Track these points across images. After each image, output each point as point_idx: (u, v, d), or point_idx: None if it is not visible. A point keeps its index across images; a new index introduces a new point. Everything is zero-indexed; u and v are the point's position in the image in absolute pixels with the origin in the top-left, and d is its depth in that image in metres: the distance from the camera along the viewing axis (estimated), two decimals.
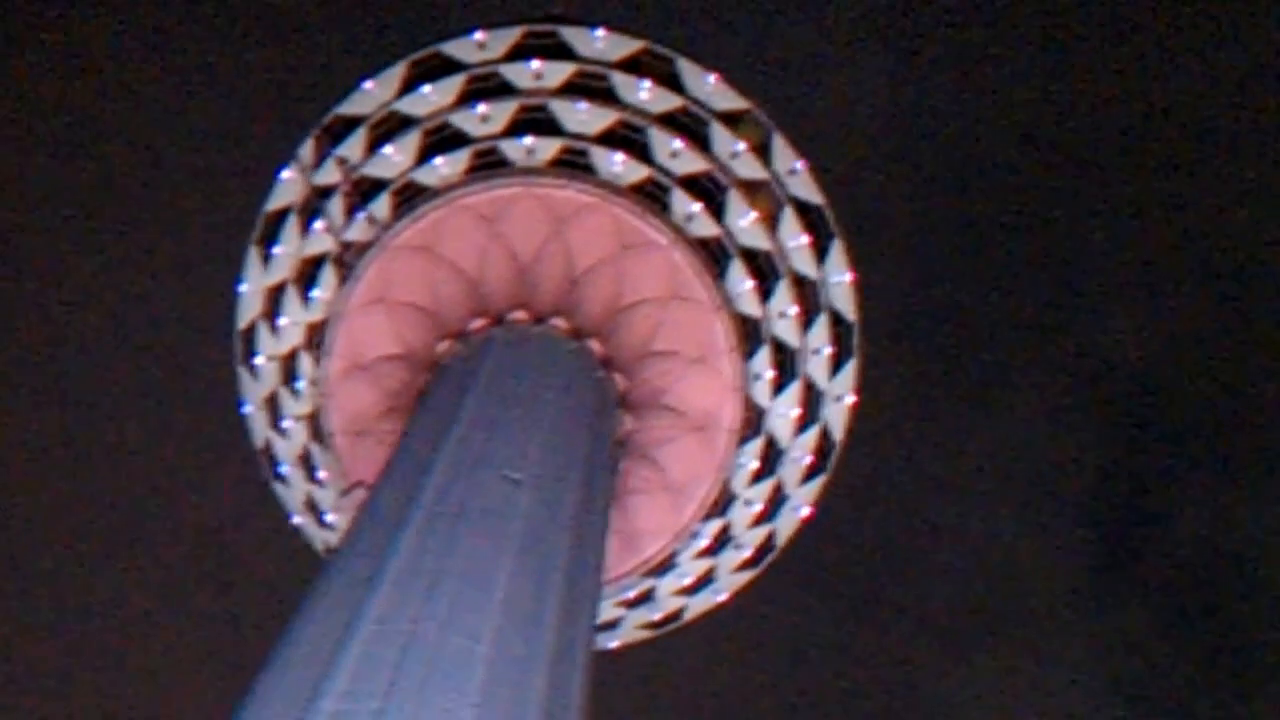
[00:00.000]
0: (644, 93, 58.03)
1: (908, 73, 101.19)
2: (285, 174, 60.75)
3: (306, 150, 60.31)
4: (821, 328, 60.25)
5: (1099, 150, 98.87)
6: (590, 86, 58.10)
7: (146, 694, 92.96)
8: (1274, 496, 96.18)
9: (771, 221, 58.93)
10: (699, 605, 66.86)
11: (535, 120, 57.77)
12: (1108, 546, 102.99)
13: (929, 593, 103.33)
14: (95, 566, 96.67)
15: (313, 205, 59.97)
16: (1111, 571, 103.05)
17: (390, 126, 58.99)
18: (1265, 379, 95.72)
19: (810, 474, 62.97)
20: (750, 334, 58.63)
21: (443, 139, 58.15)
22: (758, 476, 61.29)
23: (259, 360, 62.22)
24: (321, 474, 61.74)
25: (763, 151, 59.07)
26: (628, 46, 58.53)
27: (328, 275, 59.35)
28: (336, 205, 59.42)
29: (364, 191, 58.86)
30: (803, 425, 61.25)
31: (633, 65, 58.40)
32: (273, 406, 62.69)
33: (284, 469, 64.03)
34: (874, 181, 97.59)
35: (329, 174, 59.69)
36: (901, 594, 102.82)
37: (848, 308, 60.85)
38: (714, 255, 57.74)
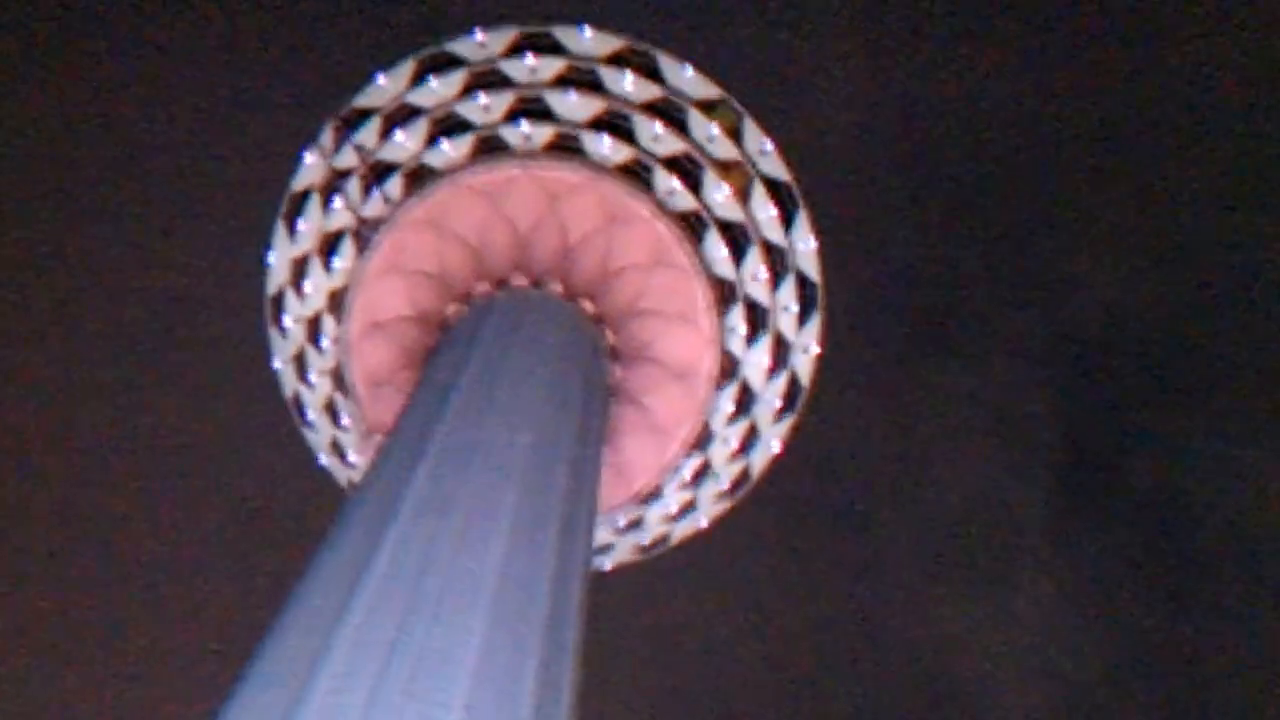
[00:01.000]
0: (628, 84, 60.73)
1: (875, 60, 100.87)
2: (308, 158, 63.56)
3: (327, 137, 63.19)
4: (789, 288, 63.24)
5: (1067, 128, 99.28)
6: (580, 79, 60.68)
7: (191, 626, 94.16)
8: (1219, 440, 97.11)
9: (744, 195, 61.87)
10: (682, 531, 70.02)
11: (531, 109, 60.43)
12: (1073, 483, 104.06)
13: (899, 523, 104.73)
14: (142, 510, 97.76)
15: (333, 185, 62.82)
16: (1076, 506, 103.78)
17: (401, 116, 61.79)
18: (1214, 338, 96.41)
19: (780, 415, 66.03)
20: (726, 294, 61.71)
21: (448, 126, 60.96)
22: (733, 418, 64.64)
23: (287, 322, 65.28)
24: (345, 420, 64.79)
25: (735, 134, 61.81)
26: (612, 43, 61.13)
27: (347, 247, 62.40)
28: (354, 185, 62.29)
29: (379, 173, 61.77)
30: (773, 373, 64.38)
31: (617, 60, 61.01)
32: (300, 363, 65.82)
33: (311, 417, 67.20)
34: (839, 159, 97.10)
35: (347, 158, 62.64)
36: (872, 523, 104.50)
37: (812, 270, 63.70)
38: (692, 226, 60.69)
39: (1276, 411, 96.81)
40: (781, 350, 64.52)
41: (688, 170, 61.38)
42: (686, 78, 61.97)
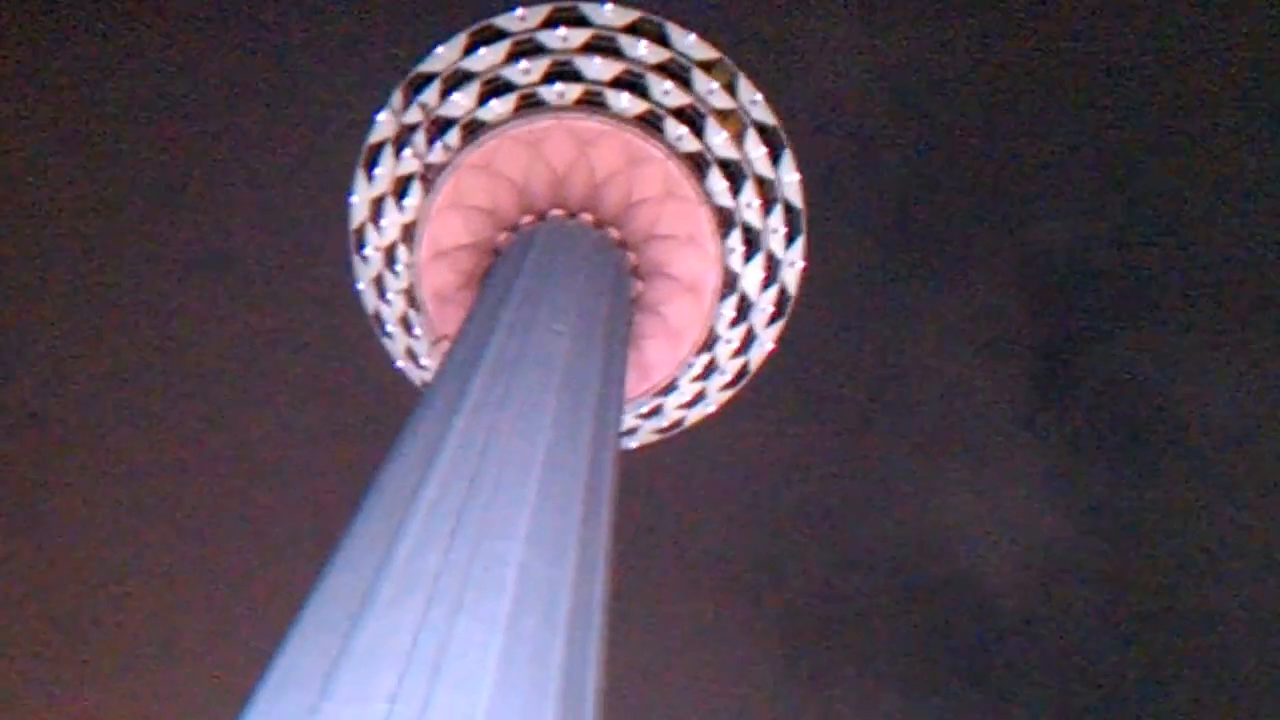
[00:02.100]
0: (642, 49, 61.18)
1: (868, 30, 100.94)
2: (381, 116, 64.17)
3: (396, 98, 63.88)
4: (777, 214, 63.57)
5: (1035, 88, 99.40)
6: (603, 46, 60.94)
7: (293, 497, 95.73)
8: (1163, 342, 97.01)
9: (739, 138, 62.07)
10: (694, 416, 70.58)
11: (563, 71, 60.84)
12: (1040, 379, 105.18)
13: (885, 410, 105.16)
14: (254, 407, 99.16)
15: (402, 138, 63.32)
16: (1043, 398, 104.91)
17: (457, 79, 62.13)
18: (1156, 258, 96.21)
19: (772, 320, 66.62)
20: (726, 220, 61.87)
21: (496, 87, 61.29)
22: (734, 322, 64.96)
23: (368, 251, 65.70)
24: (417, 331, 65.29)
25: (730, 88, 62.28)
26: (629, 16, 61.54)
27: (415, 188, 62.72)
28: (420, 137, 62.61)
29: (440, 127, 62.09)
30: (766, 284, 64.67)
31: (633, 29, 61.44)
32: (379, 284, 66.27)
33: (389, 329, 67.65)
34: (834, 113, 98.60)
35: (413, 115, 63.10)
36: (860, 409, 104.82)
37: (796, 199, 64.14)
38: (698, 164, 60.87)
39: (1208, 318, 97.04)
40: (772, 266, 64.65)
41: (692, 119, 61.49)
42: (689, 43, 62.33)
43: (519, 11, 62.13)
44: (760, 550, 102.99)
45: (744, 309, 64.93)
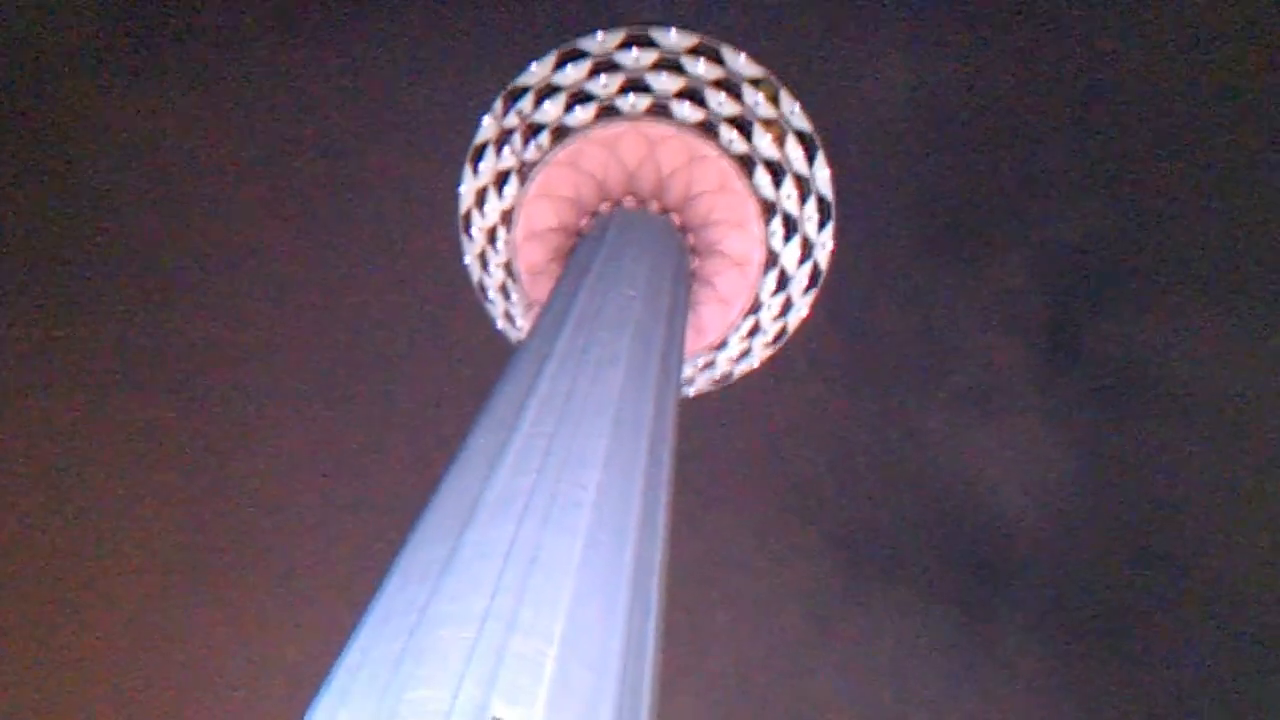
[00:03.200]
0: (701, 67, 60.86)
1: (898, 42, 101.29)
2: (485, 120, 64.37)
3: (498, 106, 63.99)
4: (811, 204, 63.10)
5: (1047, 104, 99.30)
6: (669, 64, 60.73)
7: (405, 432, 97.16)
8: (1163, 315, 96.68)
9: (780, 142, 61.74)
10: (741, 369, 70.21)
11: (635, 85, 60.62)
12: (1052, 347, 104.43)
13: (913, 370, 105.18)
14: (378, 363, 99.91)
15: (502, 139, 63.50)
16: (1055, 363, 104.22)
17: (547, 91, 62.07)
18: (1157, 244, 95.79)
19: (807, 290, 66.33)
20: (768, 209, 61.46)
21: (579, 98, 61.09)
22: (775, 292, 64.57)
23: (473, 232, 66.07)
24: (513, 297, 65.51)
25: (774, 100, 61.86)
26: (691, 39, 61.31)
27: (512, 181, 62.70)
28: (517, 139, 62.68)
29: (533, 130, 62.05)
30: (802, 261, 64.32)
31: (694, 51, 61.19)
32: (483, 260, 66.50)
33: (491, 296, 68.04)
34: (863, 116, 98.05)
35: (512, 120, 63.20)
36: (891, 370, 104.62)
37: (827, 192, 63.84)
38: (746, 163, 60.52)
39: (1192, 298, 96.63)
40: (807, 246, 64.31)
41: (742, 125, 61.16)
42: (740, 62, 61.95)
43: (599, 35, 62.06)
44: (807, 482, 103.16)
45: (783, 281, 64.55)
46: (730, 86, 61.44)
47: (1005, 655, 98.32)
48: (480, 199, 65.09)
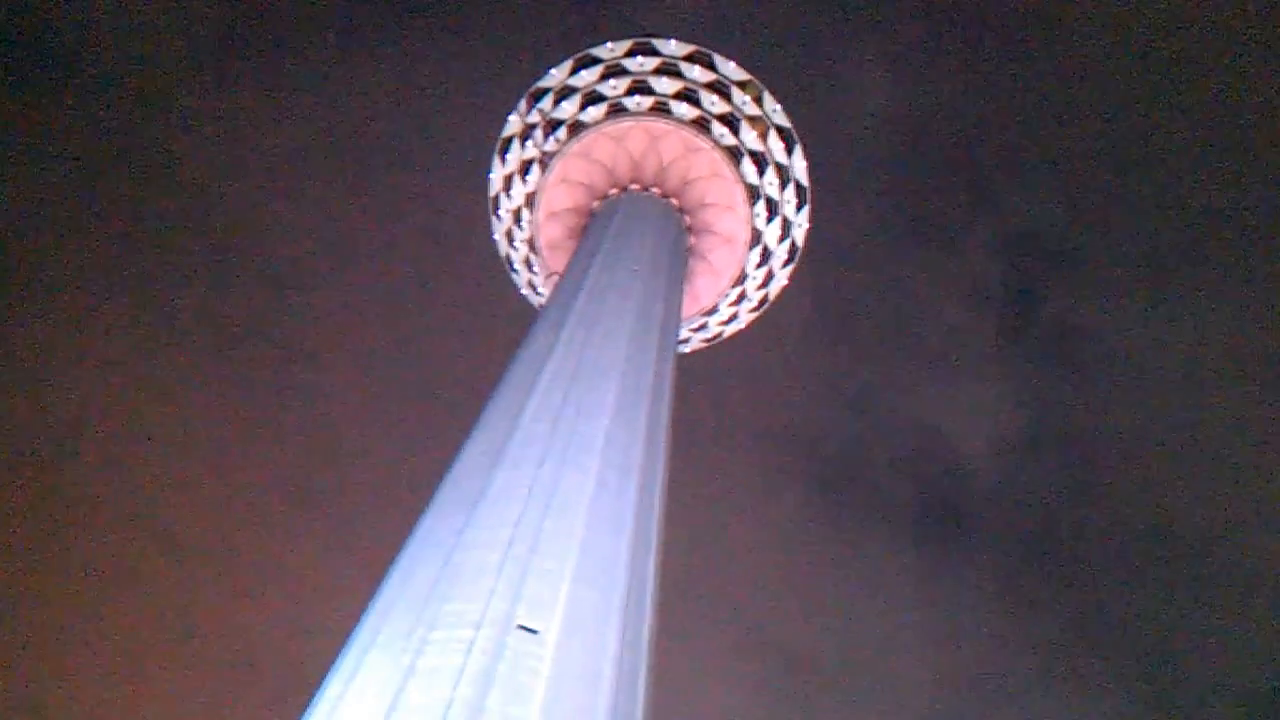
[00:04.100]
0: (696, 72, 60.58)
1: (874, 50, 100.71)
2: (511, 118, 64.09)
3: (522, 105, 63.71)
4: (790, 190, 62.89)
5: (1005, 116, 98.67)
6: (669, 69, 60.53)
7: (432, 387, 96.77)
8: (1108, 291, 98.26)
9: (764, 136, 61.49)
10: (730, 330, 69.81)
11: (640, 88, 60.43)
12: (1010, 319, 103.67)
13: (884, 335, 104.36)
14: (417, 324, 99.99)
15: (526, 134, 63.27)
16: (1011, 332, 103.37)
17: (564, 92, 61.85)
18: (1105, 232, 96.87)
19: (786, 263, 65.95)
20: (753, 194, 61.24)
21: (592, 98, 60.92)
22: (759, 265, 64.25)
23: (501, 212, 65.69)
24: (536, 269, 65.02)
25: (759, 101, 61.49)
26: (687, 48, 61.10)
27: (534, 169, 62.55)
28: (538, 133, 62.40)
29: (552, 126, 61.82)
30: (781, 238, 63.99)
31: (690, 58, 60.87)
32: (509, 236, 66.09)
33: (516, 268, 67.77)
34: (840, 113, 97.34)
35: (534, 117, 62.88)
36: (865, 334, 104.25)
37: (804, 179, 63.45)
38: (734, 154, 60.32)
39: (1129, 275, 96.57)
40: (786, 226, 64.01)
41: (731, 122, 60.89)
42: (730, 68, 61.51)
43: (609, 45, 61.72)
44: (793, 429, 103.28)
45: (765, 256, 64.29)
46: (721, 89, 61.08)
47: (962, 575, 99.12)
48: (507, 184, 64.80)
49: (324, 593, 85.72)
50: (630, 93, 60.90)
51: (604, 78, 61.39)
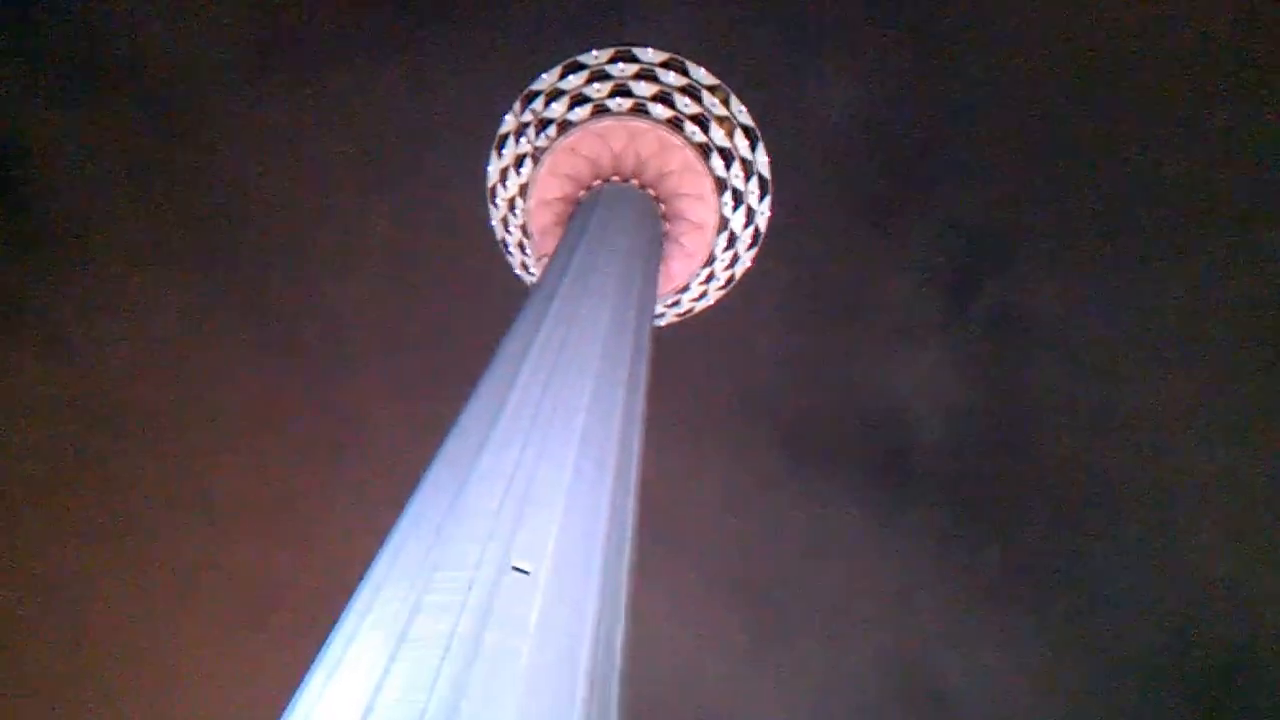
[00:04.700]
0: (671, 77, 60.44)
1: (835, 60, 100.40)
2: (507, 117, 63.75)
3: (516, 106, 63.33)
4: (754, 182, 62.79)
5: (953, 116, 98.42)
6: (646, 74, 60.32)
7: (431, 358, 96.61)
8: (1040, 277, 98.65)
9: (731, 134, 61.40)
10: (700, 306, 69.68)
11: (622, 90, 60.28)
12: (958, 298, 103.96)
13: (843, 312, 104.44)
14: (419, 300, 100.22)
15: (520, 131, 62.98)
16: (959, 309, 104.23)
17: (554, 94, 61.65)
18: (1046, 218, 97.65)
19: (750, 246, 65.86)
20: (721, 185, 61.29)
21: (579, 100, 60.77)
22: (726, 248, 64.32)
23: (498, 201, 65.38)
24: (529, 251, 64.83)
25: (726, 103, 61.42)
26: (663, 56, 60.81)
27: (527, 163, 62.32)
28: (531, 131, 62.19)
29: (544, 124, 61.69)
30: (746, 224, 63.97)
31: (666, 65, 60.63)
32: (505, 222, 65.80)
33: (510, 249, 67.51)
34: (788, 117, 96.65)
35: (527, 116, 62.62)
36: (825, 312, 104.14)
37: (766, 172, 63.36)
38: (704, 150, 60.31)
39: (1066, 258, 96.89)
40: (750, 214, 64.02)
41: (701, 121, 60.85)
42: (700, 74, 61.41)
43: (594, 53, 61.49)
44: (761, 395, 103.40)
45: (732, 240, 64.34)
46: (693, 92, 61.00)
47: (911, 523, 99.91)
48: (503, 176, 64.58)
49: (345, 541, 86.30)
50: (612, 95, 60.70)
51: (589, 81, 61.19)
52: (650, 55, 61.25)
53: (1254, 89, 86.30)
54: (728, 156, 61.74)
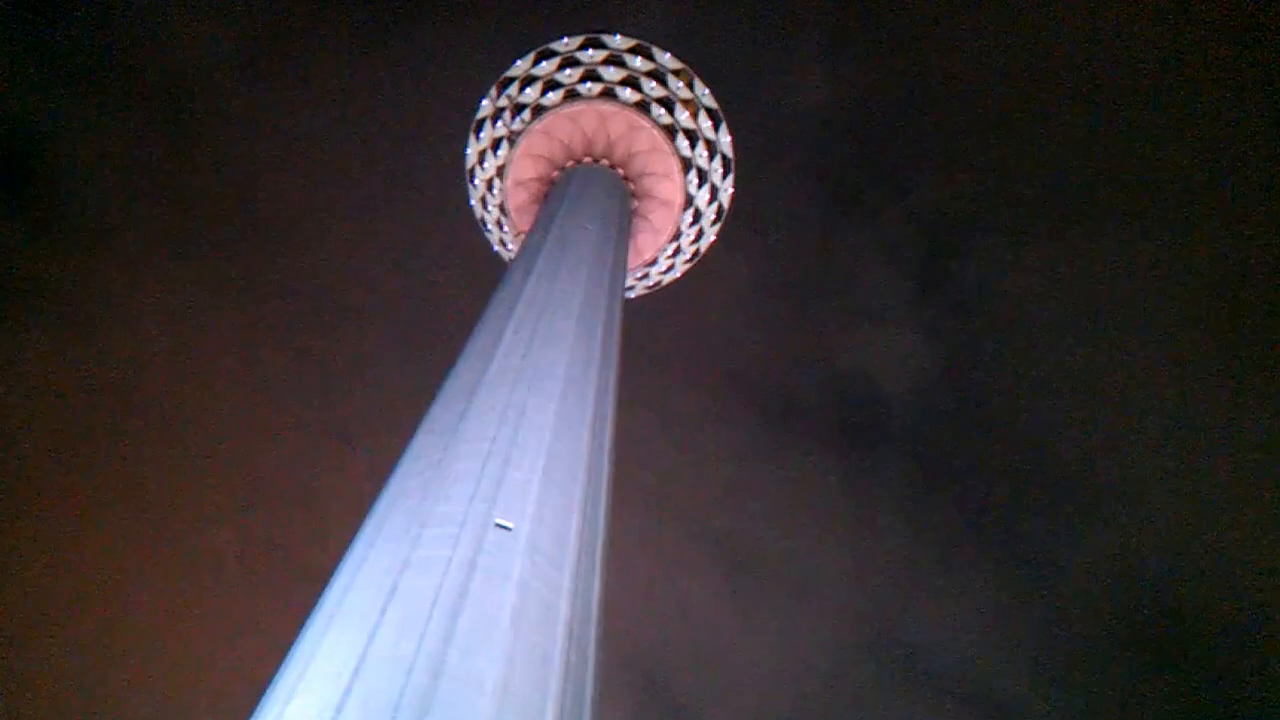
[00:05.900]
0: (638, 62, 60.43)
1: (804, 49, 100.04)
2: (483, 102, 63.32)
3: (492, 91, 63.06)
4: (718, 161, 62.79)
5: (930, 103, 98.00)
6: (615, 60, 60.20)
7: (406, 337, 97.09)
8: (1002, 258, 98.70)
9: (695, 116, 61.30)
10: (668, 279, 69.66)
11: (592, 75, 60.15)
12: (924, 277, 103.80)
13: (813, 288, 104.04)
14: (404, 275, 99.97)
15: (496, 115, 62.62)
16: (927, 289, 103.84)
17: (528, 80, 61.43)
18: (998, 206, 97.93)
19: (714, 222, 65.62)
20: (686, 164, 61.19)
21: (551, 85, 60.57)
22: (691, 223, 64.20)
23: (476, 181, 65.02)
24: (506, 229, 64.64)
25: (690, 86, 61.31)
26: (630, 43, 60.69)
27: (504, 145, 62.11)
28: (506, 115, 61.96)
29: (519, 108, 61.51)
30: (710, 201, 63.85)
31: (633, 50, 60.53)
32: (484, 201, 65.40)
33: (489, 227, 66.97)
34: (752, 96, 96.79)
35: (503, 101, 62.37)
36: (794, 286, 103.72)
37: (729, 152, 63.29)
38: (670, 131, 60.21)
39: (1028, 239, 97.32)
40: (714, 191, 63.99)
41: (667, 104, 60.73)
42: (665, 59, 61.23)
43: (565, 40, 61.21)
44: (740, 365, 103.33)
45: (697, 216, 64.22)
46: (659, 76, 60.81)
47: (879, 488, 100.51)
48: (481, 158, 64.23)
49: (336, 488, 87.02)
50: (583, 80, 60.47)
51: (561, 67, 60.93)
52: (618, 42, 60.98)
53: (1195, 75, 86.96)
54: (692, 137, 61.52)
